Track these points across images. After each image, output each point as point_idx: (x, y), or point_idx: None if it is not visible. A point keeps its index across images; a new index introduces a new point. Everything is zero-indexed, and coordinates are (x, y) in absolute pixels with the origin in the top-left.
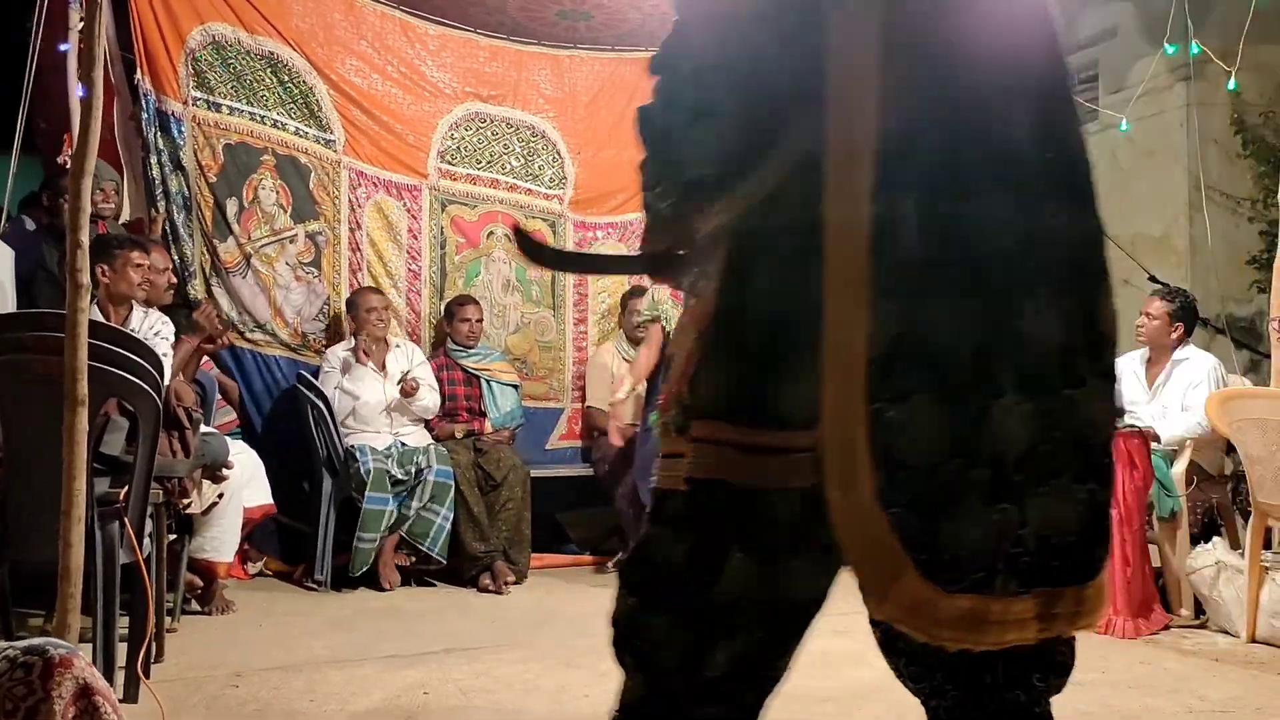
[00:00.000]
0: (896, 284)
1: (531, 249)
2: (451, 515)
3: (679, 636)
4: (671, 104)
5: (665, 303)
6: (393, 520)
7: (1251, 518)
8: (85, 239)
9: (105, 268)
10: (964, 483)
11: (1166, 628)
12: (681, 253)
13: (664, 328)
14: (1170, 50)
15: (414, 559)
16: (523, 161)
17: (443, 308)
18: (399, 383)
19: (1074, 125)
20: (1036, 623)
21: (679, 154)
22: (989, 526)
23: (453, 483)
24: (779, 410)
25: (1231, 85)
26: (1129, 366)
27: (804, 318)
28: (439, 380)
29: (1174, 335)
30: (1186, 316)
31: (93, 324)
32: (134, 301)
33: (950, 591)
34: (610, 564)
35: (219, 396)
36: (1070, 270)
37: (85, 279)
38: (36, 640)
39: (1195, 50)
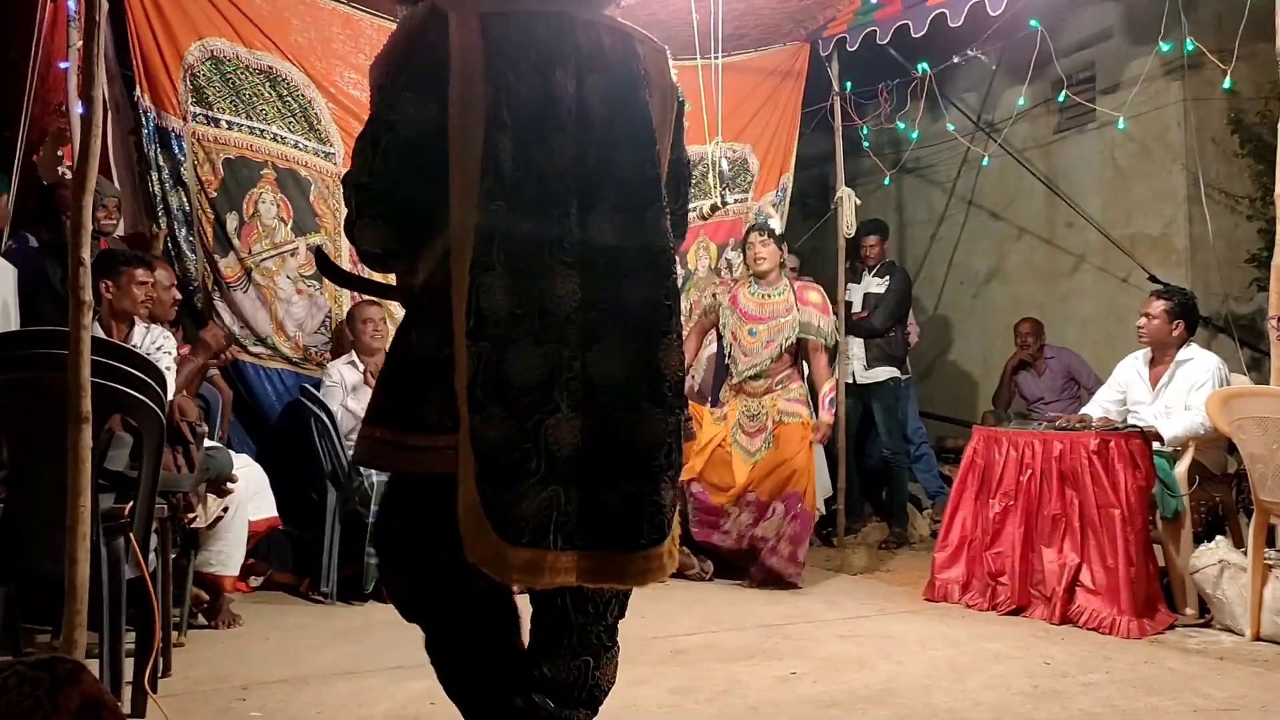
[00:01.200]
0: (486, 333)
1: (327, 267)
2: None
3: (427, 579)
4: (349, 204)
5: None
6: None
7: (1254, 516)
8: (87, 256)
9: (109, 284)
10: (523, 470)
11: (1171, 627)
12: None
13: (716, 320)
14: (1165, 48)
15: None
16: None
17: None
18: None
19: (653, 215)
20: (586, 574)
21: (355, 237)
22: (541, 502)
23: None
24: (425, 419)
25: (1227, 84)
26: (1132, 366)
27: (443, 357)
28: None
29: (1175, 333)
30: (1186, 314)
31: (95, 340)
32: (140, 315)
33: (514, 545)
34: None
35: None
36: (635, 327)
37: (88, 296)
38: (44, 656)
39: (1190, 47)
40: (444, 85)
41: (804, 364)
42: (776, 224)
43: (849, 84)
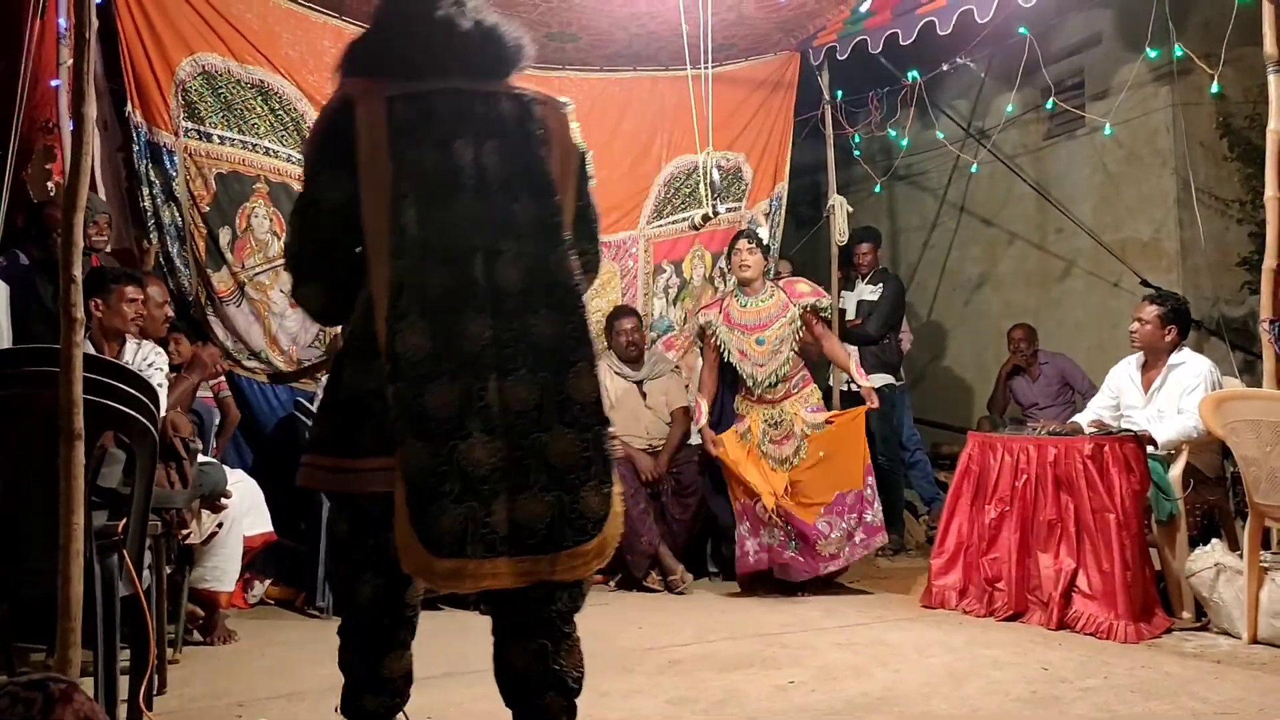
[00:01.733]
0: (403, 374)
1: None
2: None
3: (348, 573)
4: (289, 271)
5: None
6: None
7: (1249, 519)
8: (79, 274)
9: (99, 302)
10: (440, 491)
11: (1168, 631)
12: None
13: (715, 345)
14: (1153, 54)
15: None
16: None
17: None
18: None
19: (557, 258)
20: (520, 576)
21: (298, 300)
22: (458, 517)
23: None
24: (359, 446)
25: (1215, 89)
26: (1125, 371)
27: (369, 392)
28: None
29: (1167, 338)
30: (1179, 319)
31: (88, 357)
32: (130, 333)
33: (438, 556)
34: (611, 583)
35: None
36: (544, 359)
37: (80, 314)
38: (38, 675)
39: (1178, 53)
40: (355, 163)
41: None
42: (764, 233)
43: (840, 93)
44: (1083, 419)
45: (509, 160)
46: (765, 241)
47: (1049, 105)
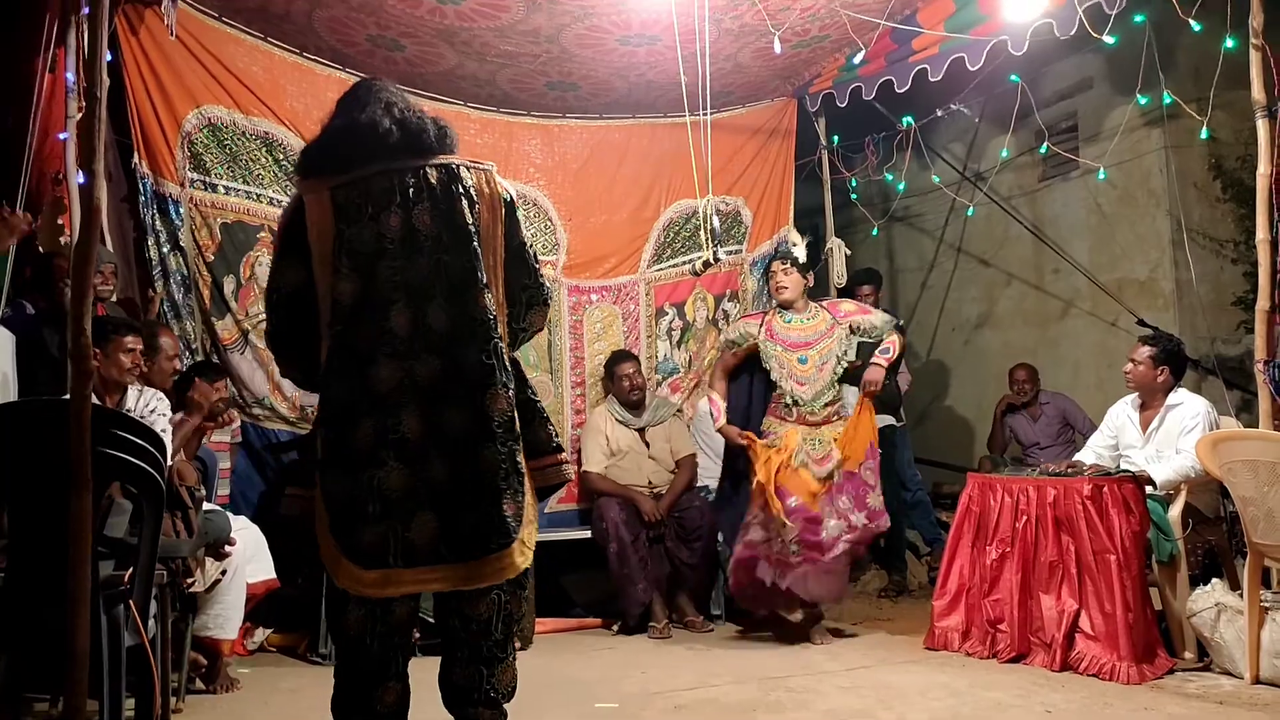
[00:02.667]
0: (329, 419)
1: None
2: None
3: (336, 604)
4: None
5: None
6: None
7: (1248, 558)
8: (89, 326)
9: (97, 352)
10: (359, 513)
11: (1171, 671)
12: None
13: (744, 355)
14: (1143, 101)
15: (420, 634)
16: None
17: None
18: None
19: (472, 296)
20: (458, 580)
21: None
22: (378, 534)
23: None
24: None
25: (1204, 134)
26: (1123, 411)
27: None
28: None
29: (1160, 379)
30: (1171, 360)
31: (95, 408)
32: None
33: (365, 568)
34: (614, 627)
35: (224, 467)
36: (466, 383)
37: (89, 366)
38: None
39: (1167, 100)
40: (308, 252)
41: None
42: (800, 252)
43: (836, 138)
44: (1084, 457)
45: (438, 219)
46: (803, 260)
47: (1042, 150)
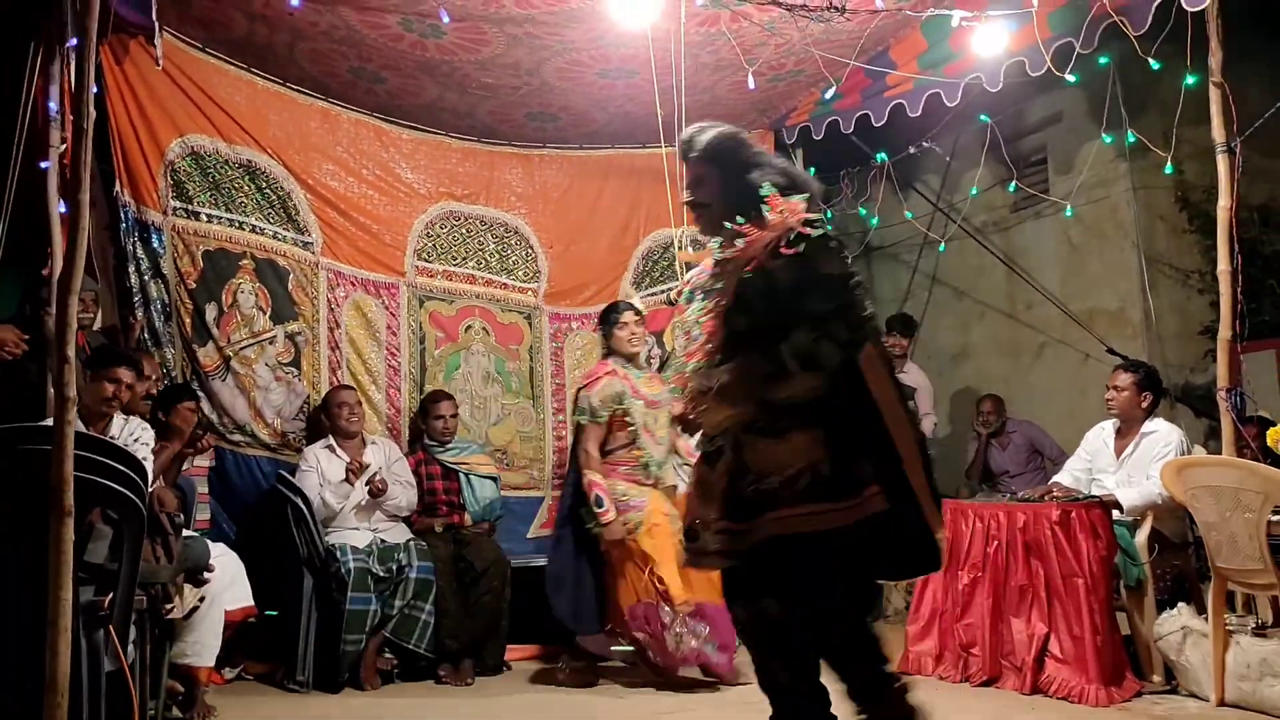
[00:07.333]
0: None
1: None
2: (434, 611)
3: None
4: None
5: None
6: (377, 620)
7: (1212, 583)
8: (72, 354)
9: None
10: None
11: (1139, 694)
12: None
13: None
14: (1108, 140)
15: (395, 661)
16: (497, 257)
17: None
18: (366, 483)
19: None
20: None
21: None
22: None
23: (434, 578)
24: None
25: (1169, 169)
26: (1100, 435)
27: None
28: (418, 475)
29: (1144, 404)
30: (1152, 385)
31: (77, 435)
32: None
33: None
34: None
35: (202, 492)
36: None
37: (72, 393)
38: None
39: (1131, 139)
40: None
41: None
42: (638, 303)
43: (812, 170)
44: (1061, 479)
45: None
46: (645, 312)
47: (1011, 188)
